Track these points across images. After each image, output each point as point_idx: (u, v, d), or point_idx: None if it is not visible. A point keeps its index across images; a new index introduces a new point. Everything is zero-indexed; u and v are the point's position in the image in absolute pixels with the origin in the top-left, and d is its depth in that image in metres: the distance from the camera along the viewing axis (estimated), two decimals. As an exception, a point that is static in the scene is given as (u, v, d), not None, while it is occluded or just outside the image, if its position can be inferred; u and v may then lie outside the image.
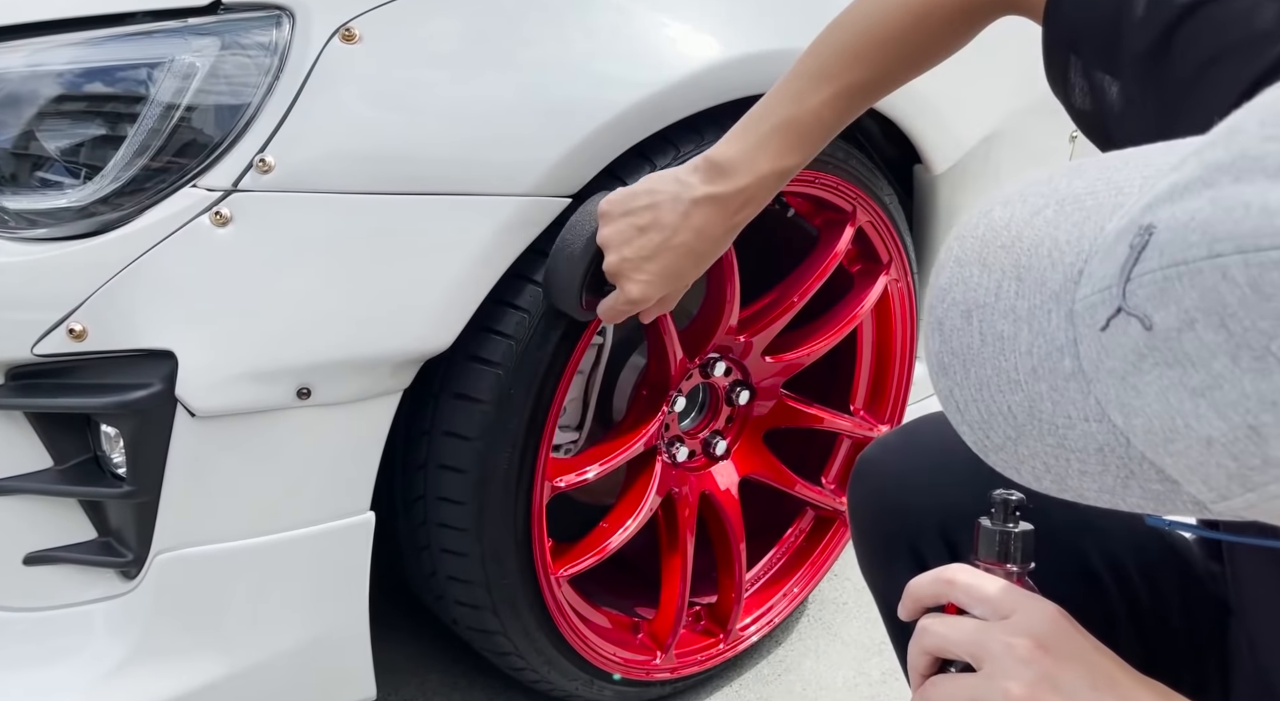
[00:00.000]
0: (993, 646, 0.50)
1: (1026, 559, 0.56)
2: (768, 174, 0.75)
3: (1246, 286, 0.34)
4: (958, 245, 0.45)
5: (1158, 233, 0.36)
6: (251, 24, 0.81)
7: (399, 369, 0.86)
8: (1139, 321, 0.37)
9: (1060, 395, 0.40)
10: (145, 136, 0.79)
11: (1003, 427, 0.43)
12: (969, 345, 0.43)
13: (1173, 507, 0.40)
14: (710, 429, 1.19)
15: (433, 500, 0.96)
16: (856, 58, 0.71)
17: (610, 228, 0.80)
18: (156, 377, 0.78)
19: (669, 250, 0.78)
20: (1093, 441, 0.40)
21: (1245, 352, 0.34)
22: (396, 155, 0.83)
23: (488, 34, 0.88)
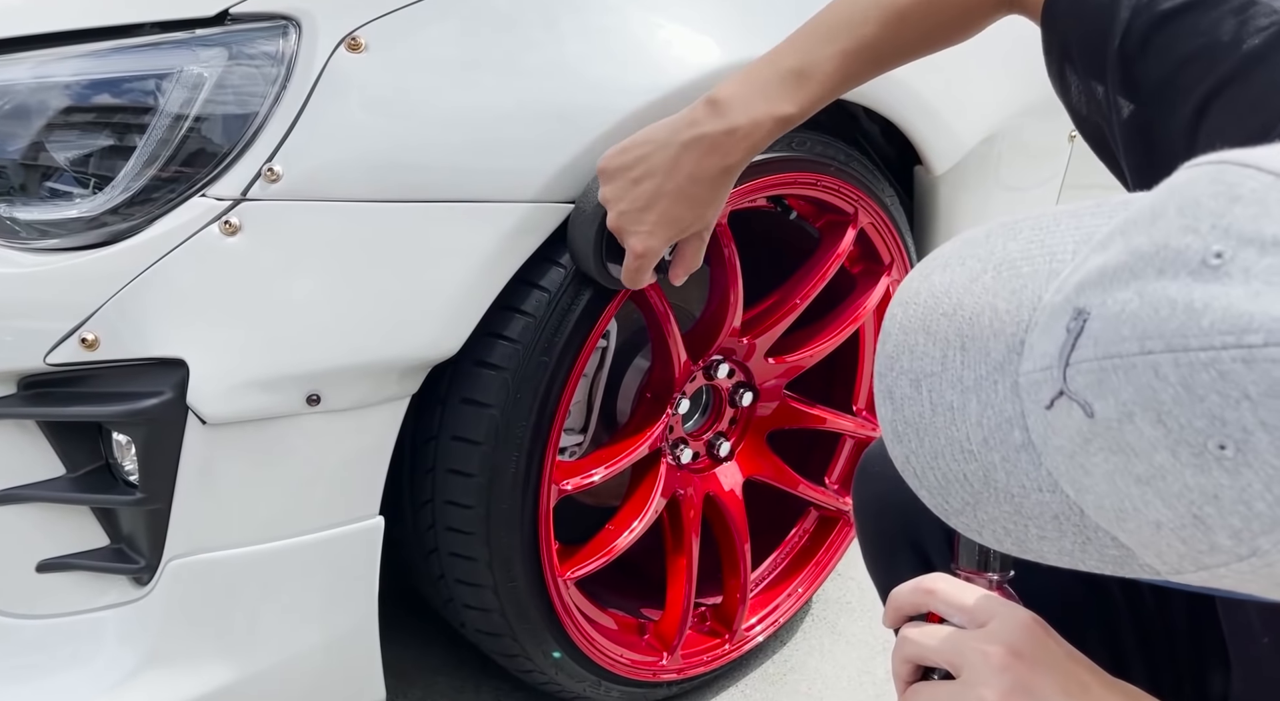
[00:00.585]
0: (969, 654, 0.51)
1: (1005, 567, 0.57)
2: (764, 117, 0.75)
3: (1179, 385, 0.34)
4: (901, 312, 0.45)
5: (1090, 321, 0.37)
6: (258, 34, 0.82)
7: (407, 374, 0.87)
8: (1080, 408, 0.37)
9: (1013, 466, 0.41)
10: (154, 147, 0.80)
11: (960, 494, 0.43)
12: (920, 414, 0.44)
13: (1131, 571, 0.41)
14: (714, 430, 1.19)
15: (441, 504, 0.97)
16: (866, 20, 0.73)
17: (608, 186, 0.79)
18: (168, 386, 0.79)
19: (663, 196, 0.77)
20: (1048, 510, 0.41)
21: (1184, 448, 0.35)
22: (402, 163, 0.84)
23: (491, 41, 0.88)
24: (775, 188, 1.06)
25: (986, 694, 0.50)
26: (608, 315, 0.97)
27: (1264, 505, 0.34)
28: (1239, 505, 0.34)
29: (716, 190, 0.78)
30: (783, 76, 0.75)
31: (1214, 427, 0.34)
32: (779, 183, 1.06)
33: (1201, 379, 0.34)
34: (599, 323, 0.96)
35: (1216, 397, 0.34)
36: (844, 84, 0.76)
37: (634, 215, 0.78)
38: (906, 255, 1.23)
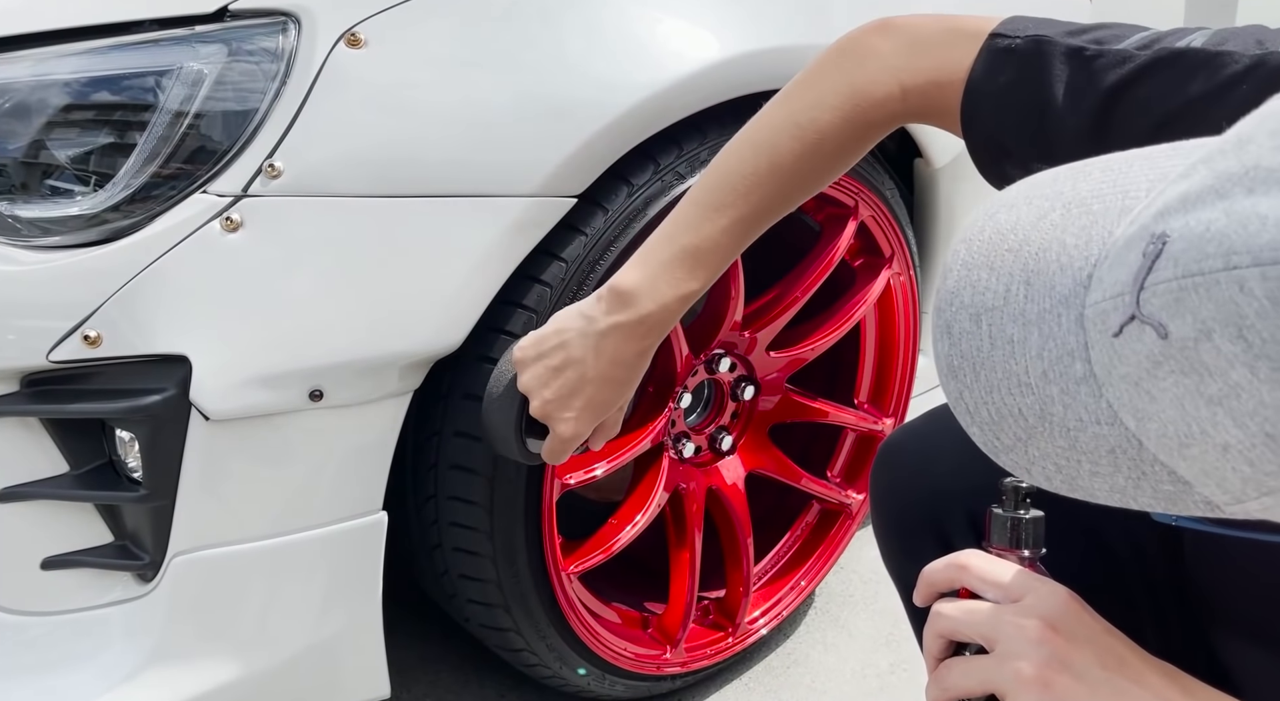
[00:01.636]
0: (1005, 628, 0.51)
1: (1038, 544, 0.57)
2: (670, 300, 0.75)
3: (1265, 299, 0.34)
4: (964, 249, 0.45)
5: (1171, 242, 0.37)
6: (257, 30, 0.82)
7: (409, 370, 0.87)
8: (1154, 330, 0.37)
9: (1071, 398, 0.41)
10: (155, 144, 0.80)
11: (1013, 429, 0.43)
12: (978, 348, 0.44)
13: (1184, 507, 0.41)
14: (716, 424, 1.20)
15: (444, 499, 0.97)
16: (750, 188, 0.71)
17: (527, 374, 0.79)
18: (171, 382, 0.79)
19: (588, 384, 0.77)
20: (1104, 443, 0.41)
21: (1264, 364, 0.35)
22: (403, 158, 0.84)
23: (491, 36, 0.88)
24: (775, 181, 1.06)
25: (1023, 666, 0.49)
26: (609, 309, 0.97)
27: None
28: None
29: (635, 371, 0.79)
30: (680, 258, 0.75)
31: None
32: (779, 176, 1.06)
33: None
34: (600, 317, 0.96)
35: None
36: (740, 247, 0.76)
37: (560, 403, 0.78)
38: (907, 248, 1.23)
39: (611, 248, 0.95)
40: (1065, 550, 0.71)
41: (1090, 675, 0.49)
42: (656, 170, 0.97)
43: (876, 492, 0.80)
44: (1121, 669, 0.49)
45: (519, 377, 0.79)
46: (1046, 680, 0.49)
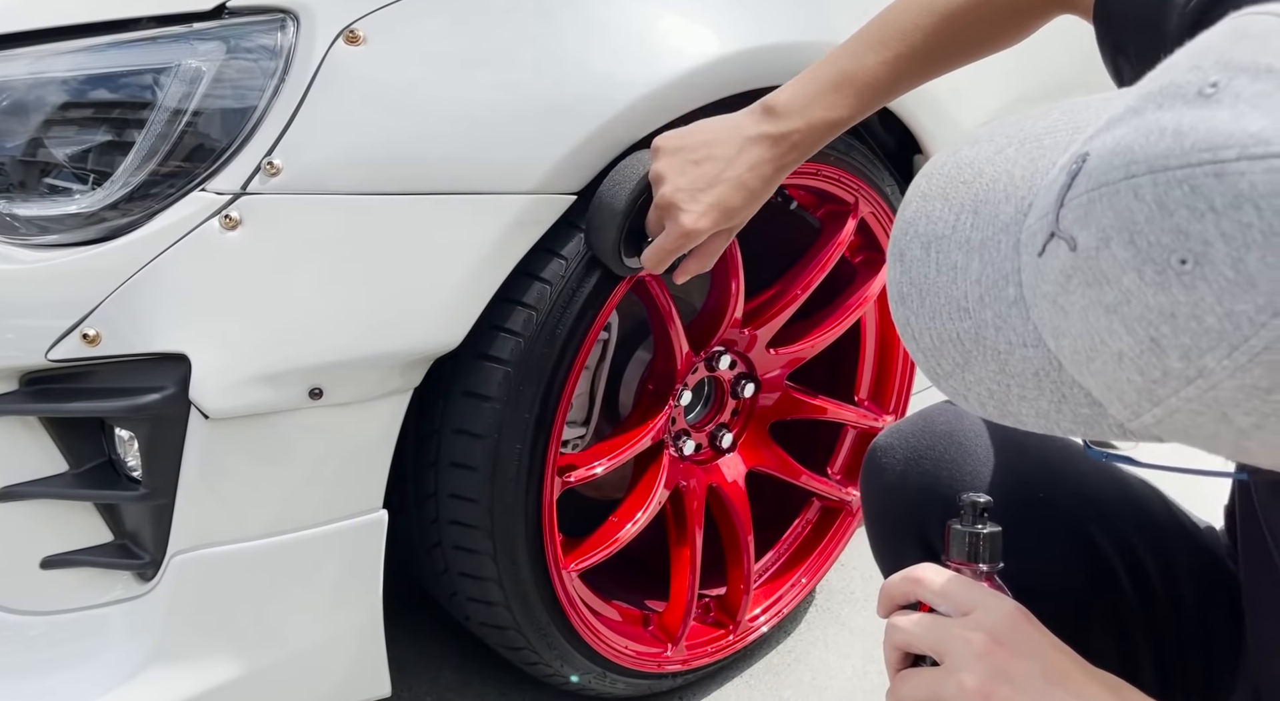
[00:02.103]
0: (952, 641, 0.52)
1: (994, 558, 0.58)
2: (818, 122, 0.79)
3: (1154, 204, 0.36)
4: (924, 181, 0.47)
5: (1089, 159, 0.38)
6: (256, 28, 0.82)
7: (409, 368, 0.87)
8: (1066, 243, 0.39)
9: (1003, 321, 0.43)
10: (153, 142, 0.80)
11: (952, 355, 0.45)
12: (926, 275, 0.46)
13: (1100, 431, 0.42)
14: (716, 422, 1.19)
15: (444, 497, 0.97)
16: (917, 27, 0.75)
17: (663, 161, 0.82)
18: (170, 381, 0.79)
19: (723, 182, 0.80)
20: (1030, 366, 0.43)
21: (1149, 267, 0.36)
22: (402, 156, 0.83)
23: (489, 33, 0.88)
24: (775, 178, 1.06)
25: (967, 679, 0.51)
26: (609, 307, 0.97)
27: (1214, 319, 0.35)
28: (1191, 321, 0.36)
29: (767, 187, 0.82)
30: (836, 83, 0.78)
31: (1178, 242, 0.35)
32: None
33: (1174, 195, 0.35)
34: (600, 314, 0.96)
35: (1185, 212, 0.35)
36: (895, 89, 0.79)
37: (690, 194, 0.81)
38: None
39: (611, 245, 0.95)
40: (1060, 559, 0.71)
41: (1031, 687, 0.50)
42: (656, 167, 0.97)
43: (865, 494, 0.80)
44: (1063, 681, 0.50)
45: (653, 165, 0.82)
46: (988, 692, 0.50)
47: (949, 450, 0.74)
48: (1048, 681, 0.50)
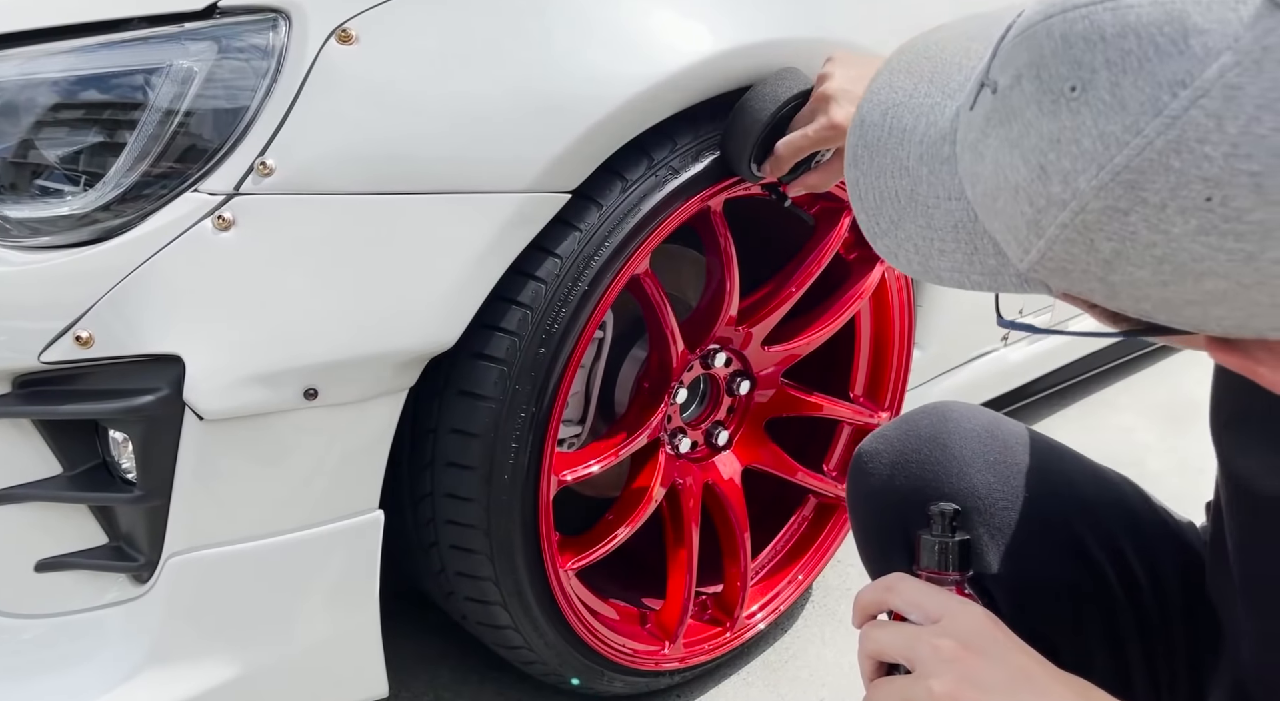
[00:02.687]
0: (921, 648, 0.54)
1: (964, 567, 0.60)
2: None
3: (1059, 38, 0.39)
4: (895, 58, 0.51)
5: (1024, 12, 0.42)
6: (247, 27, 0.81)
7: (404, 368, 0.87)
8: (990, 88, 0.42)
9: (935, 177, 0.47)
10: (145, 142, 0.80)
11: (889, 212, 0.49)
12: (879, 138, 0.49)
13: (1004, 283, 0.46)
14: (712, 420, 1.19)
15: (440, 497, 0.97)
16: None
17: (836, 65, 0.87)
18: (164, 382, 0.78)
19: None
20: (951, 218, 0.46)
21: (1047, 97, 0.40)
22: (396, 155, 0.83)
23: (483, 31, 0.88)
24: (769, 175, 1.06)
25: (935, 684, 0.52)
26: (604, 305, 0.97)
27: (1089, 141, 0.39)
28: (1071, 145, 0.39)
29: None
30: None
31: (1072, 72, 0.39)
32: (773, 170, 1.05)
33: (1076, 29, 0.39)
34: (596, 313, 0.96)
35: (1082, 43, 0.39)
36: None
37: (850, 94, 0.85)
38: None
39: (606, 243, 0.95)
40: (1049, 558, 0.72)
41: (997, 690, 0.52)
42: (650, 165, 0.97)
43: (852, 498, 0.80)
44: (1028, 683, 0.52)
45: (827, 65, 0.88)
46: (955, 696, 0.52)
47: (933, 453, 0.75)
48: (1013, 684, 0.52)
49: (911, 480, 0.75)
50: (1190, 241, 0.39)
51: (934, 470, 0.74)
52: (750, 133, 0.93)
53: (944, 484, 0.73)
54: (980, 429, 0.75)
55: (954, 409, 0.77)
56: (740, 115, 0.94)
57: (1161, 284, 0.40)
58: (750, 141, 0.93)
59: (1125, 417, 1.93)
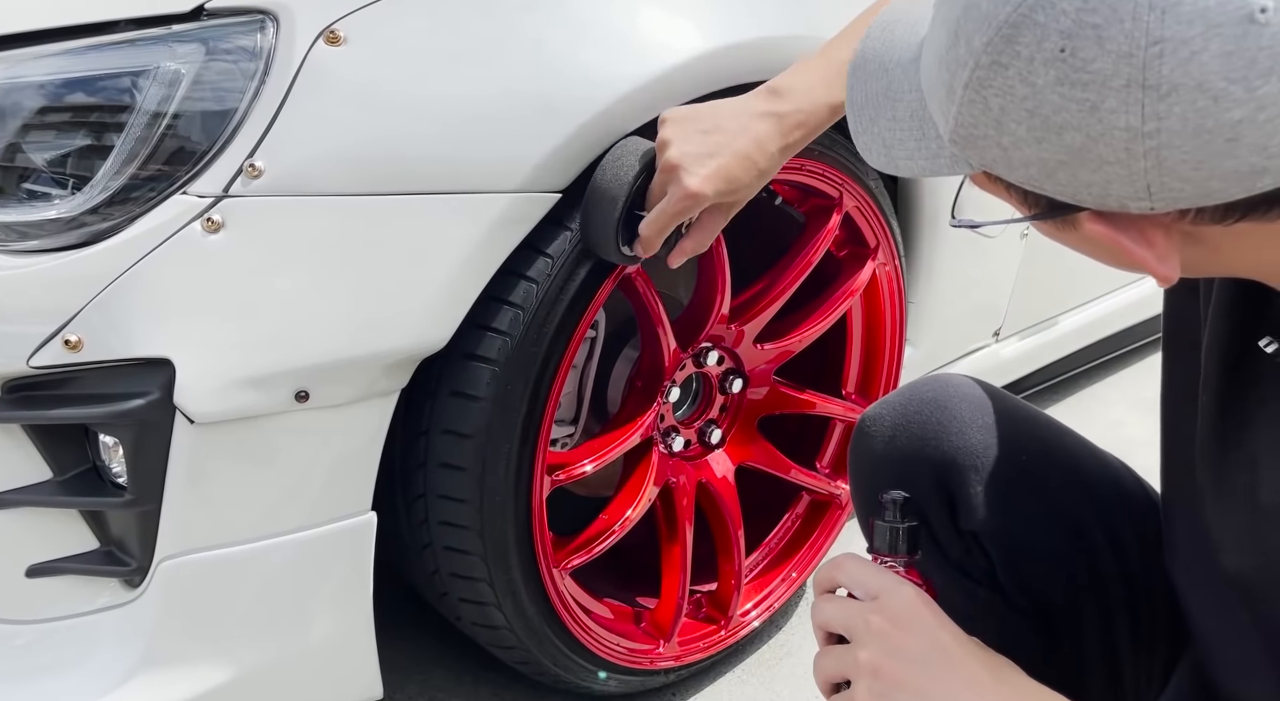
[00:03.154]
0: (856, 621, 0.60)
1: (913, 550, 0.65)
2: (821, 104, 0.83)
3: None
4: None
5: None
6: (235, 29, 0.81)
7: (395, 369, 0.87)
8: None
9: (904, 73, 0.53)
10: (133, 145, 0.79)
11: (869, 111, 0.55)
12: (875, 48, 0.56)
13: (942, 165, 0.51)
14: (705, 418, 1.20)
15: (433, 498, 0.97)
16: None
17: (671, 128, 0.85)
18: (154, 386, 0.78)
19: (730, 153, 0.84)
20: (910, 108, 0.52)
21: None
22: (385, 155, 0.83)
23: (472, 30, 0.88)
24: (760, 173, 1.06)
25: (862, 655, 0.59)
26: (596, 305, 0.97)
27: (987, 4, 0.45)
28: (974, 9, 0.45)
29: (772, 165, 0.86)
30: (837, 69, 0.82)
31: None
32: (763, 168, 1.05)
33: None
34: (587, 312, 0.96)
35: None
36: None
37: (696, 157, 0.84)
38: (892, 238, 1.23)
39: (597, 243, 0.95)
40: (1043, 523, 0.74)
41: (915, 662, 0.58)
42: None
43: (853, 464, 0.83)
44: (944, 657, 0.58)
45: (663, 130, 0.85)
46: (877, 665, 0.58)
47: (934, 414, 0.77)
48: (931, 657, 0.58)
49: (912, 440, 0.77)
50: (1050, 92, 0.44)
51: (935, 430, 0.77)
52: (609, 219, 0.87)
53: (944, 442, 0.76)
54: (978, 395, 0.78)
55: (956, 377, 0.81)
56: (593, 204, 0.88)
57: (1036, 141, 0.46)
58: (612, 228, 0.87)
59: (1115, 411, 1.94)
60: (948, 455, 0.75)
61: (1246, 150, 0.43)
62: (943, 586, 0.76)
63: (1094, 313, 1.79)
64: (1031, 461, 0.76)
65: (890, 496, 0.66)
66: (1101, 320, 1.81)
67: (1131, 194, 0.45)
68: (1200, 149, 0.43)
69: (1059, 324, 1.71)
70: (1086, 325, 1.78)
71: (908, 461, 0.77)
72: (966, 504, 0.75)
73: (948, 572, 0.77)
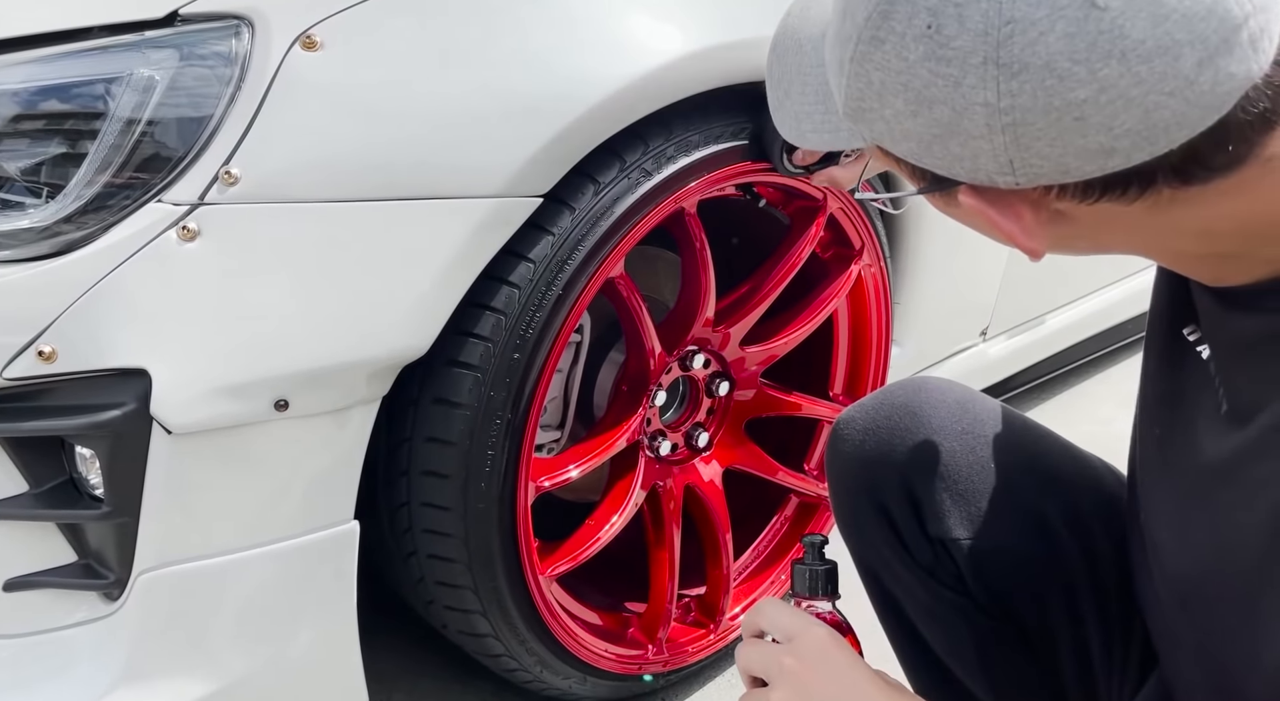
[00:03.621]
0: (771, 665, 0.62)
1: (831, 592, 0.68)
2: None
3: None
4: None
5: None
6: (210, 35, 0.80)
7: (376, 376, 0.86)
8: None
9: (814, 49, 0.56)
10: (107, 153, 0.78)
11: (784, 85, 0.58)
12: (795, 26, 0.59)
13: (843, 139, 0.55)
14: (692, 421, 1.19)
15: (417, 506, 0.96)
16: None
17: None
18: (130, 396, 0.77)
19: None
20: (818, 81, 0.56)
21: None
22: (364, 161, 0.82)
23: (451, 34, 0.87)
24: (744, 175, 1.06)
25: (775, 696, 0.61)
26: (579, 309, 0.96)
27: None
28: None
29: None
30: None
31: None
32: (747, 170, 1.05)
33: None
34: (571, 317, 0.95)
35: None
36: None
37: None
38: (877, 239, 1.23)
39: (580, 246, 0.94)
40: (1012, 527, 0.74)
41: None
42: (623, 167, 0.96)
43: (828, 466, 0.84)
44: (854, 696, 0.60)
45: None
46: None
47: (904, 419, 0.78)
48: (840, 697, 0.60)
49: (880, 445, 0.78)
50: (920, 67, 0.47)
51: (903, 436, 0.77)
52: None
53: (911, 447, 0.77)
54: (953, 400, 0.79)
55: (931, 381, 0.81)
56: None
57: (912, 115, 0.48)
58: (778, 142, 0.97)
59: (1105, 409, 1.94)
60: (915, 460, 0.76)
61: (1094, 129, 0.45)
62: (912, 588, 0.79)
63: (1082, 310, 1.79)
64: (1004, 469, 0.76)
65: (809, 539, 0.68)
66: (1089, 318, 1.81)
67: (997, 169, 0.48)
68: (1051, 126, 0.46)
69: (1046, 322, 1.71)
70: (1074, 323, 1.78)
71: (876, 465, 0.78)
72: (934, 510, 0.76)
73: (917, 575, 0.78)
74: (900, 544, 0.78)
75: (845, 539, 0.83)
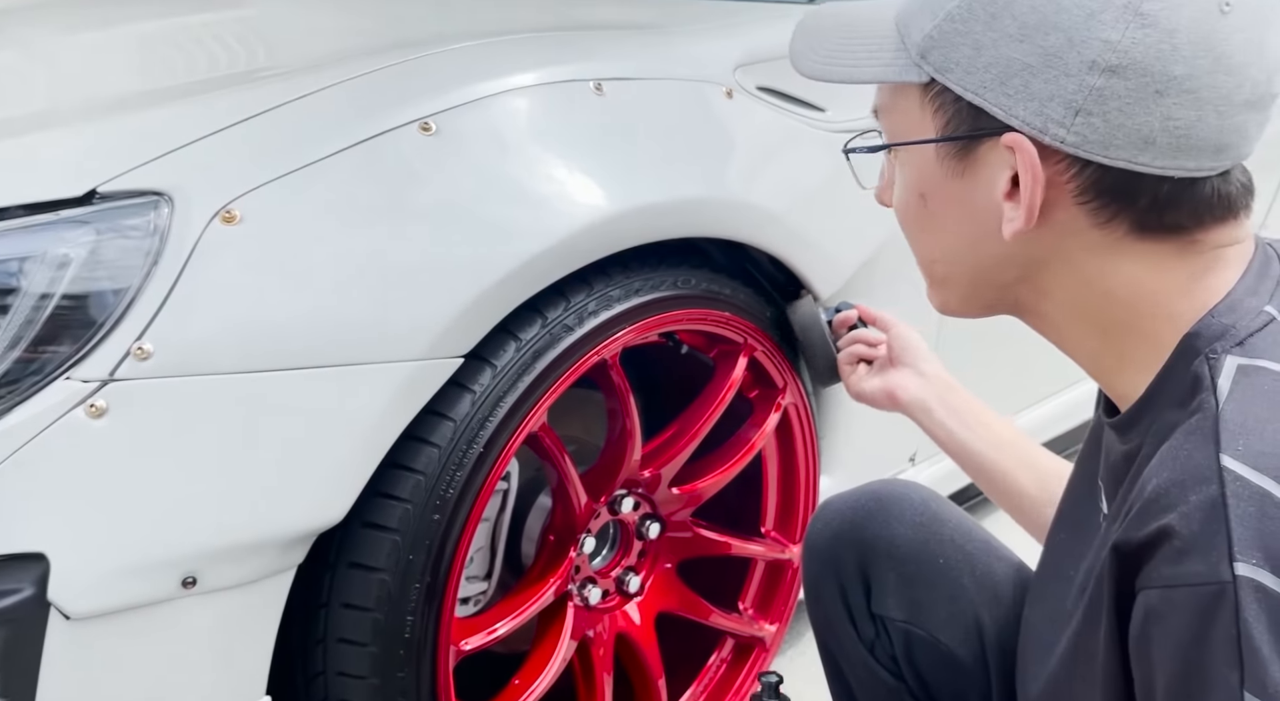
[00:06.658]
0: None
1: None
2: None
3: None
4: None
5: None
6: (128, 211, 0.81)
7: (290, 546, 0.84)
8: None
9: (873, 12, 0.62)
10: (17, 330, 0.78)
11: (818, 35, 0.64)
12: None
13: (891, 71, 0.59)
14: (622, 565, 1.18)
15: (333, 676, 0.93)
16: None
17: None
18: (27, 582, 0.74)
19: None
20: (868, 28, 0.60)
21: None
22: (281, 331, 0.83)
23: (372, 201, 0.89)
24: (667, 325, 1.08)
25: None
26: (500, 466, 0.96)
27: None
28: None
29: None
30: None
31: None
32: (670, 320, 1.08)
33: None
34: (492, 474, 0.95)
35: None
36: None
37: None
38: (799, 378, 1.26)
39: (501, 403, 0.95)
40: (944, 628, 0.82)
41: None
42: (544, 323, 0.98)
43: (804, 544, 0.92)
44: None
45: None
46: None
47: (869, 504, 0.87)
48: None
49: (845, 524, 0.87)
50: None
51: (864, 518, 0.86)
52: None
53: (870, 530, 0.85)
54: (918, 498, 0.87)
55: (910, 483, 0.90)
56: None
57: (1020, 39, 0.52)
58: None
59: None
60: (870, 541, 0.84)
61: (1162, 110, 0.50)
62: (855, 664, 0.86)
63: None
64: (951, 568, 0.83)
65: (766, 678, 0.72)
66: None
67: (1060, 116, 0.52)
68: (1137, 89, 0.50)
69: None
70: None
71: (839, 542, 0.86)
72: (879, 589, 0.83)
73: (860, 654, 0.84)
74: (849, 618, 0.85)
75: (809, 608, 0.91)
